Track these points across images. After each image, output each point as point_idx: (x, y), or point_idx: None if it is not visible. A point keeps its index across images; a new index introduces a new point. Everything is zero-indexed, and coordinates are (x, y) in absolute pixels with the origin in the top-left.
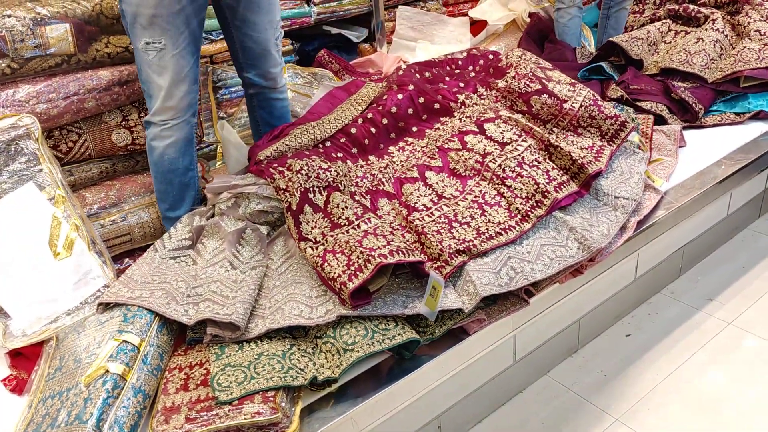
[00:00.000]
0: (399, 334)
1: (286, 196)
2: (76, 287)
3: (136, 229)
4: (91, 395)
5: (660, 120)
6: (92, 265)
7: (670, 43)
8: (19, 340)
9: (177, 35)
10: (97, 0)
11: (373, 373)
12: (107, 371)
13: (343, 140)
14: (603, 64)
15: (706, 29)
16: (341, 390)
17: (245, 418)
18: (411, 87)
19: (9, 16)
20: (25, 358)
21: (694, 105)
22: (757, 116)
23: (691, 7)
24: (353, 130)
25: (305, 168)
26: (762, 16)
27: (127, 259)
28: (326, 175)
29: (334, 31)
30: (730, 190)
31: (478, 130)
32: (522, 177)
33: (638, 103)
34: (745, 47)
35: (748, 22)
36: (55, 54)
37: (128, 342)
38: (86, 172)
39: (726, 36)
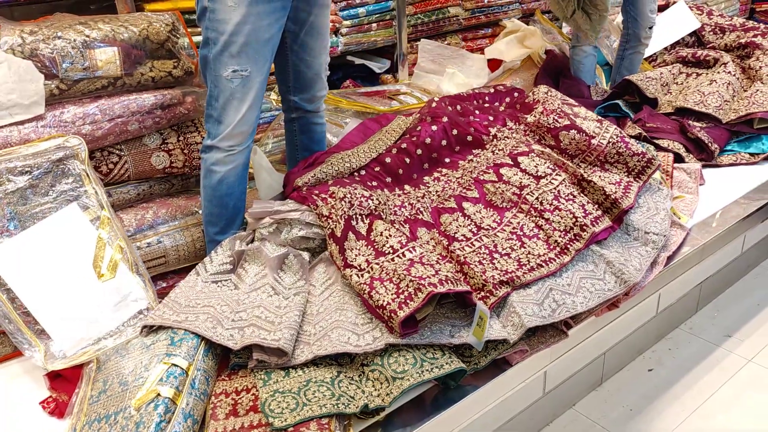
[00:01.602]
0: (447, 364)
1: (329, 223)
2: (116, 309)
3: (171, 252)
4: (143, 419)
5: (677, 158)
6: (133, 288)
7: (681, 84)
8: (60, 362)
9: (263, 63)
10: (144, 25)
11: (417, 403)
12: (158, 395)
13: (377, 169)
14: (619, 102)
15: (718, 72)
16: (387, 419)
17: None
18: (445, 119)
19: (60, 38)
20: (64, 380)
21: (710, 144)
22: None
23: (700, 51)
24: (388, 160)
25: (348, 195)
26: None
27: (161, 282)
28: (368, 204)
29: (358, 61)
30: (746, 228)
31: (512, 163)
32: (560, 210)
33: (655, 141)
34: (758, 90)
35: (760, 67)
36: (102, 77)
37: (177, 366)
38: (124, 194)
39: (738, 79)
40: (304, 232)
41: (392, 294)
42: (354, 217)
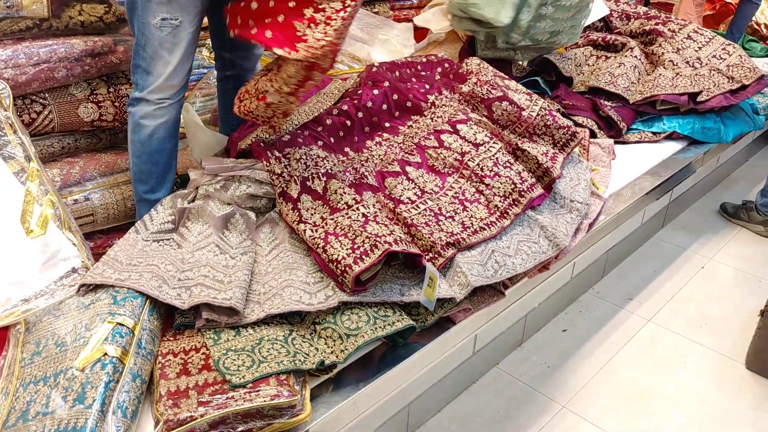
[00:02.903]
0: (398, 321)
1: (280, 181)
2: (44, 268)
3: (100, 211)
4: (90, 379)
5: (591, 134)
6: (63, 245)
7: (593, 65)
8: None
9: (194, 13)
10: None
11: (366, 360)
12: (105, 354)
13: (319, 129)
14: (538, 79)
15: (625, 55)
16: (338, 376)
17: (264, 401)
18: (386, 83)
19: None
20: None
21: (619, 122)
22: (671, 136)
23: (609, 36)
24: (329, 121)
25: (304, 157)
26: (674, 48)
27: (88, 242)
28: (324, 164)
29: None
30: (646, 202)
31: (452, 130)
32: (500, 176)
33: (572, 117)
34: (660, 74)
35: (662, 53)
36: (27, 17)
37: (123, 325)
38: (48, 147)
39: (642, 63)
40: (253, 189)
41: (347, 249)
42: (309, 177)
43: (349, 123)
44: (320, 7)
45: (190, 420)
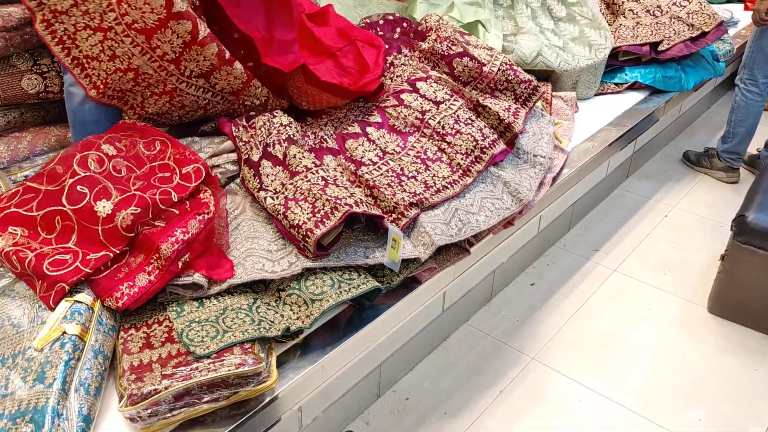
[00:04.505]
0: (363, 284)
1: (246, 149)
2: None
3: None
4: (50, 358)
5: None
6: None
7: None
8: None
9: None
10: None
11: (333, 324)
12: (64, 333)
13: None
14: None
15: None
16: (305, 341)
17: (229, 370)
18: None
19: None
20: None
21: None
22: (633, 86)
23: None
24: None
25: (267, 124)
26: None
27: None
28: (286, 131)
29: None
30: (610, 154)
31: (412, 89)
32: (461, 134)
33: None
34: (621, 25)
35: (623, 2)
36: None
37: (81, 302)
38: None
39: (604, 13)
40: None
41: (308, 213)
42: (271, 143)
43: None
44: None
45: (154, 393)
